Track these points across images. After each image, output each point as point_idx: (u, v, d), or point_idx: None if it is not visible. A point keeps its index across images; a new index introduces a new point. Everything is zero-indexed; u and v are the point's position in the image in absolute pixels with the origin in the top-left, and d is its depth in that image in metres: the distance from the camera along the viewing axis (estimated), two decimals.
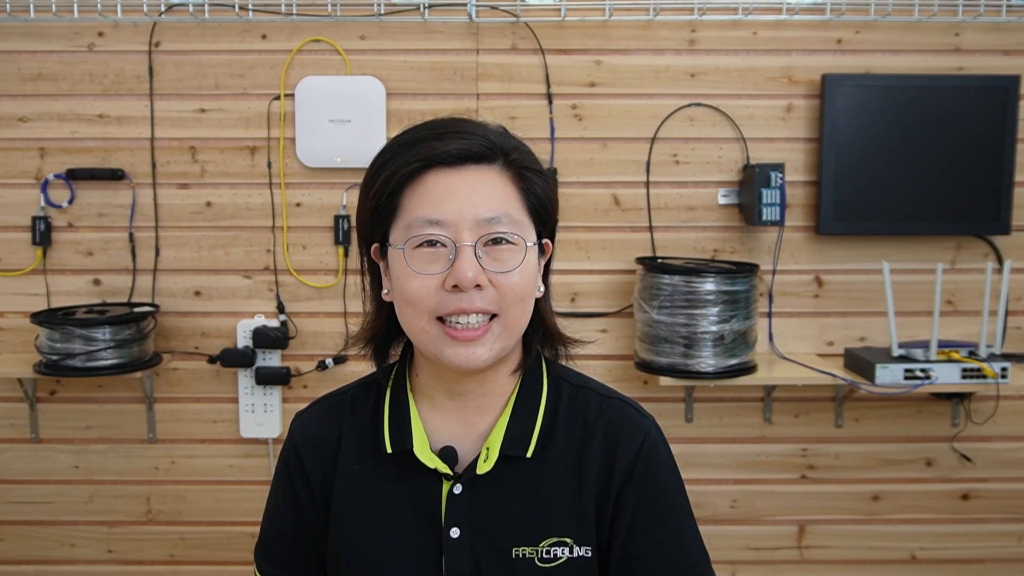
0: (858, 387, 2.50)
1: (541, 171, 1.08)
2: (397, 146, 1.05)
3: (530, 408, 1.10)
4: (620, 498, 1.08)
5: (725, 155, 2.70)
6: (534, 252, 1.06)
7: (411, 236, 1.01)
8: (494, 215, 1.01)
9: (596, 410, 1.12)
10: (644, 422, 1.12)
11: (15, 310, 2.71)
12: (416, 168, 1.02)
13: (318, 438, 1.14)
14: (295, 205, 2.70)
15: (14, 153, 2.69)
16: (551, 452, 1.09)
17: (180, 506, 2.79)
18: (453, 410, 1.11)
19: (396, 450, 1.09)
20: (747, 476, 2.79)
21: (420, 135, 1.04)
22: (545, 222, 1.09)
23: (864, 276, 2.72)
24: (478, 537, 1.07)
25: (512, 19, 2.64)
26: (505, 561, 1.06)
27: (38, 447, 2.77)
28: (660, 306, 2.48)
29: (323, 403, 1.18)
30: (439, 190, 1.01)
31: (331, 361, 2.72)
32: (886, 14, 2.62)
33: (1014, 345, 2.75)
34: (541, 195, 1.07)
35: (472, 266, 0.99)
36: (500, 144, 1.04)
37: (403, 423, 1.10)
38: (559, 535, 1.07)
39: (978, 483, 2.81)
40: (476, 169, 1.03)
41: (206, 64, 2.67)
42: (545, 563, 1.06)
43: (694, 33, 2.67)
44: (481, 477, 1.07)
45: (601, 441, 1.09)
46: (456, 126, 1.05)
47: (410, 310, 1.03)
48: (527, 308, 1.05)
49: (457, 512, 1.07)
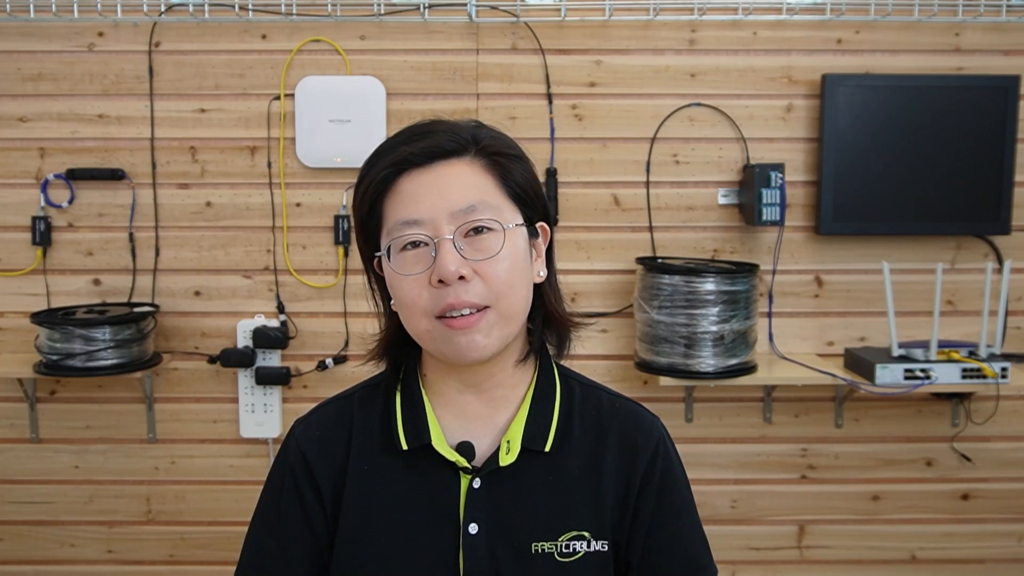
0: (858, 387, 2.50)
1: (518, 155, 1.08)
2: (373, 157, 1.07)
3: (547, 403, 1.11)
4: (641, 495, 1.10)
5: (725, 155, 2.70)
6: (517, 235, 1.05)
7: (393, 240, 1.02)
8: (469, 204, 1.01)
9: (609, 408, 1.13)
10: (656, 422, 1.15)
11: (15, 310, 2.71)
12: (389, 174, 1.03)
13: (325, 440, 1.12)
14: (295, 205, 2.70)
15: (14, 153, 2.69)
16: (568, 447, 1.10)
17: (180, 506, 2.79)
18: (467, 404, 1.11)
19: (412, 446, 1.08)
20: (747, 476, 2.79)
21: (391, 143, 1.06)
22: (531, 205, 1.08)
23: (864, 276, 2.73)
24: (497, 533, 1.06)
25: (512, 19, 2.64)
26: (524, 557, 1.06)
27: (38, 447, 2.77)
28: (660, 306, 2.48)
29: (329, 406, 1.16)
30: (412, 191, 1.02)
31: (331, 361, 2.73)
32: (886, 14, 2.62)
33: (1014, 345, 2.75)
34: (520, 179, 1.06)
35: (454, 258, 0.99)
36: (469, 136, 1.05)
37: (418, 419, 1.09)
38: (578, 528, 1.07)
39: (978, 483, 2.81)
40: (446, 164, 1.03)
41: (206, 64, 2.67)
42: (564, 557, 1.06)
43: (694, 33, 2.67)
44: (500, 471, 1.07)
45: (617, 439, 1.11)
46: (423, 128, 1.06)
47: (408, 313, 1.04)
48: (520, 294, 1.05)
49: (476, 508, 1.06)
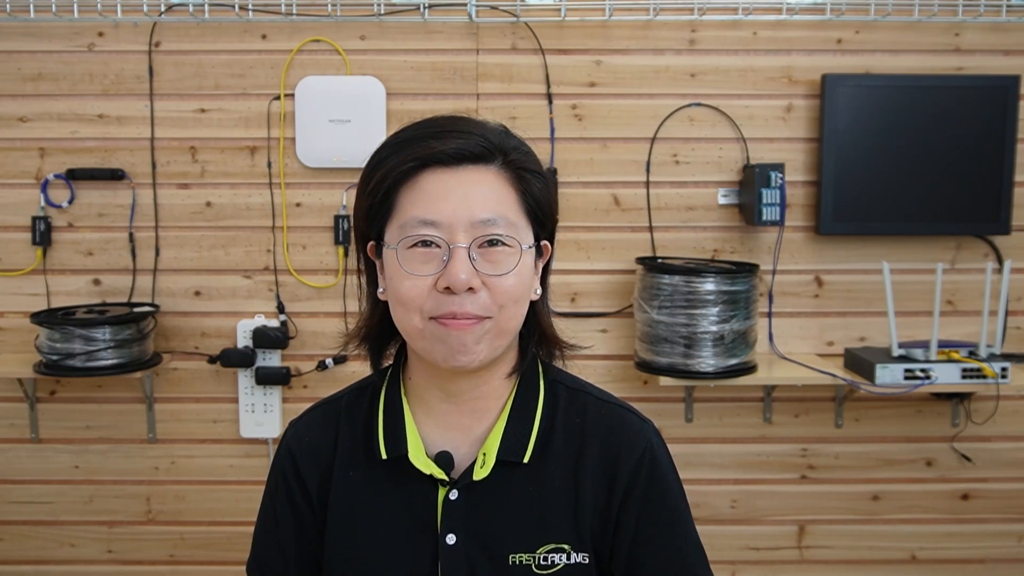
0: (858, 387, 2.50)
1: (541, 172, 1.06)
2: (394, 144, 1.02)
3: (527, 413, 1.08)
4: (624, 506, 1.07)
5: (725, 155, 2.70)
6: (530, 255, 1.03)
7: (405, 236, 1.00)
8: (490, 217, 0.99)
9: (594, 415, 1.10)
10: (644, 428, 1.11)
11: (15, 310, 2.71)
12: (412, 167, 1.00)
13: (314, 445, 1.12)
14: (295, 205, 2.70)
15: (14, 153, 2.69)
16: (548, 457, 1.07)
17: (180, 506, 2.79)
18: (448, 414, 1.09)
19: (391, 456, 1.07)
20: (747, 476, 2.79)
21: (418, 133, 1.02)
22: (543, 224, 1.06)
23: (864, 276, 2.72)
24: (475, 543, 1.05)
25: (512, 19, 2.64)
26: (502, 568, 1.05)
27: (38, 447, 2.77)
28: (660, 306, 2.48)
29: (318, 410, 1.16)
30: (434, 190, 0.99)
31: (331, 361, 2.73)
32: (886, 14, 2.62)
33: (1014, 345, 2.75)
34: (539, 197, 1.04)
35: (465, 268, 0.97)
36: (499, 144, 1.02)
37: (398, 428, 1.08)
38: (557, 541, 1.05)
39: (978, 483, 2.81)
40: (473, 169, 1.01)
41: (206, 64, 2.67)
42: (543, 569, 1.05)
43: (694, 33, 2.67)
44: (478, 483, 1.06)
45: (599, 448, 1.08)
46: (454, 125, 1.02)
47: (402, 310, 1.02)
48: (521, 310, 1.04)
49: (453, 518, 1.05)
